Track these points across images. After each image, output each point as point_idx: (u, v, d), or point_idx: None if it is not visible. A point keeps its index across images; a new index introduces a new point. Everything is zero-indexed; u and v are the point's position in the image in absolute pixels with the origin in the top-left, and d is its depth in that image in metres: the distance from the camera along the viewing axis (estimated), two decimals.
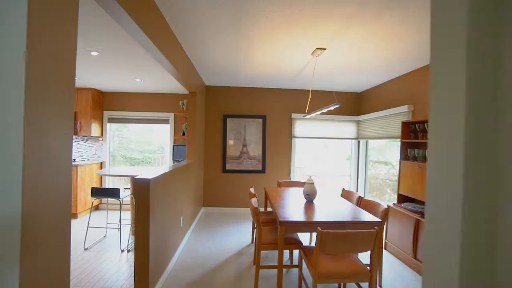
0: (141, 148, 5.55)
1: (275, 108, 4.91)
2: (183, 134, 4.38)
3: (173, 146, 4.68)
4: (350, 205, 2.72)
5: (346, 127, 4.99)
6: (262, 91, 4.90)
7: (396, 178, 4.70)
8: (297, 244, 2.39)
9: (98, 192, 3.13)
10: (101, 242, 3.42)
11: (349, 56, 3.05)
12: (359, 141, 5.03)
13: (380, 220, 2.22)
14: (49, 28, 0.91)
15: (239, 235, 3.77)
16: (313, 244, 3.45)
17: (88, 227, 3.24)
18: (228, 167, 4.86)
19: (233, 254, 3.17)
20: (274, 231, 2.65)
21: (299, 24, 2.30)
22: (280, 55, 3.06)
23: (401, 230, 2.98)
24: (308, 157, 5.41)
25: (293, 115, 4.87)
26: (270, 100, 4.91)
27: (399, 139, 3.66)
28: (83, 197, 4.42)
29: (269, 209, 4.63)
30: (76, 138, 4.99)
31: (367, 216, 2.32)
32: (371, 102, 4.59)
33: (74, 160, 4.76)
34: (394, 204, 3.16)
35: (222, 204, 4.89)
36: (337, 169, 5.66)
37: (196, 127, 3.97)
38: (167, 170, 2.63)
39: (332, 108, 2.55)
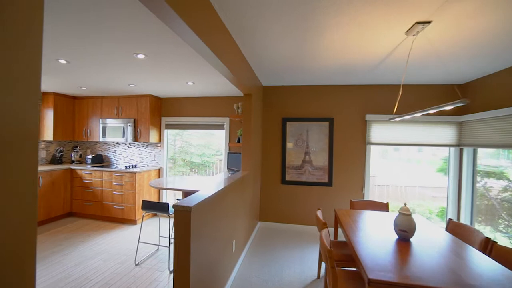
0: (200, 152, 5.42)
1: (345, 109, 4.08)
2: (238, 141, 3.96)
3: (227, 153, 4.32)
4: (473, 252, 1.79)
5: (441, 131, 3.81)
6: (329, 89, 4.13)
7: None
8: None
9: (148, 205, 2.91)
10: (152, 257, 3.22)
11: (463, 30, 2.09)
12: (461, 149, 3.79)
13: None
14: None
15: (301, 264, 3.11)
16: None
17: (138, 242, 3.05)
18: (287, 177, 4.25)
19: None
20: (353, 279, 1.92)
21: None
22: (359, 39, 2.30)
23: None
24: (380, 164, 4.41)
25: (368, 117, 3.95)
26: (339, 100, 4.10)
27: None
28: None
29: (339, 235, 3.84)
30: (137, 144, 5.10)
31: None
32: (483, 96, 3.34)
33: (135, 166, 4.85)
34: None
35: (280, 220, 4.31)
36: (421, 180, 4.50)
37: (251, 133, 3.49)
38: (218, 189, 2.18)
39: (450, 107, 1.69)
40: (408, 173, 4.54)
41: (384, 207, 3.04)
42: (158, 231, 3.71)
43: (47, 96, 4.67)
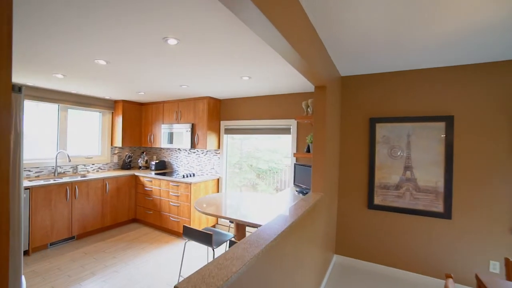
0: (267, 158, 4.76)
1: (474, 102, 2.66)
2: (308, 150, 3.03)
3: (294, 165, 3.43)
4: None
5: None
6: (444, 73, 2.79)
7: None
8: None
9: (189, 233, 2.29)
10: None
11: None
12: None
13: None
14: None
15: None
16: None
17: (179, 276, 2.48)
18: (377, 200, 3.07)
19: None
20: None
21: None
22: None
23: None
24: None
25: None
26: (462, 88, 2.71)
27: None
28: (197, 216, 3.96)
29: None
30: (196, 150, 4.74)
31: None
32: None
33: (193, 174, 4.47)
34: None
35: (364, 256, 3.15)
36: None
37: (325, 139, 2.53)
38: (271, 239, 1.35)
39: None
40: None
41: None
42: (207, 261, 3.11)
43: (118, 104, 4.77)
